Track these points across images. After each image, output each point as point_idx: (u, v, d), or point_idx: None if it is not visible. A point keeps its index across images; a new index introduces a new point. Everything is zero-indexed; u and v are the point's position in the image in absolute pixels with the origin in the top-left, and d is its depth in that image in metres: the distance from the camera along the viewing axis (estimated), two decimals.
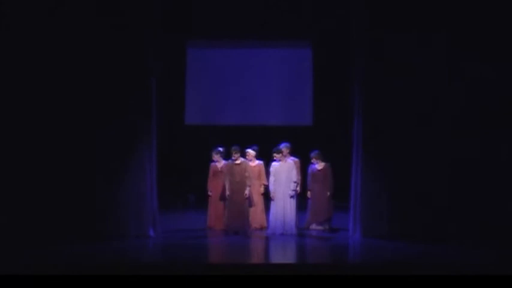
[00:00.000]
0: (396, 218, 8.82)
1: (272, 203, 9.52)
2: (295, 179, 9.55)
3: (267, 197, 9.78)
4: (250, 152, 9.88)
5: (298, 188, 9.64)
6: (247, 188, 9.44)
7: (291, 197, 9.47)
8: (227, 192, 9.46)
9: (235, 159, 9.51)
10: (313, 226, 9.92)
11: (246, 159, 9.72)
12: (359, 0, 9.31)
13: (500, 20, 8.87)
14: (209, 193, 10.01)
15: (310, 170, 9.98)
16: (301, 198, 9.92)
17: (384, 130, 8.99)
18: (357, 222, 9.07)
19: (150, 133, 9.20)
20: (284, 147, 9.66)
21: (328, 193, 9.83)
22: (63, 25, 8.79)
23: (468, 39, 8.88)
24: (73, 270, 6.79)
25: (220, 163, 9.98)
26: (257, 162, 9.94)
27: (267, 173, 9.72)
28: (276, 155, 9.56)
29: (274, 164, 9.60)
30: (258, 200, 9.90)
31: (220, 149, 10.08)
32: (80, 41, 8.82)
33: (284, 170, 9.53)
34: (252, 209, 9.67)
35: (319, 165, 9.93)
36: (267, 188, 9.75)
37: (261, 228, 9.86)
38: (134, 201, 8.91)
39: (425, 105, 8.92)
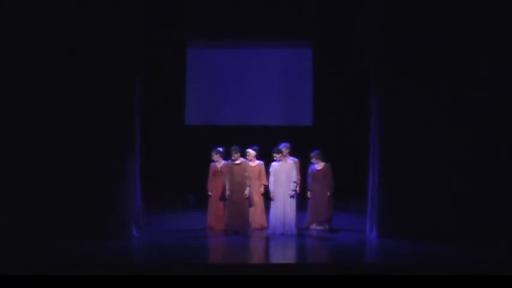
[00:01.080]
0: (414, 218, 8.86)
1: (272, 203, 9.52)
2: (294, 179, 9.55)
3: (267, 197, 9.78)
4: (250, 152, 9.88)
5: (297, 188, 9.63)
6: (247, 188, 9.44)
7: (291, 197, 9.47)
8: (227, 192, 9.46)
9: (235, 159, 9.50)
10: (313, 226, 9.92)
11: (246, 159, 9.71)
12: (373, 3, 9.32)
13: (503, 20, 8.90)
14: (209, 193, 10.01)
15: (310, 170, 9.98)
16: (301, 198, 9.91)
17: (401, 131, 9.02)
18: (373, 222, 9.12)
19: (133, 135, 9.12)
20: (284, 147, 9.65)
21: (328, 193, 9.83)
22: (52, 28, 8.82)
23: (476, 40, 8.92)
24: (73, 270, 6.80)
25: (220, 163, 9.98)
26: (257, 162, 9.94)
27: (267, 173, 9.71)
28: (275, 155, 9.56)
29: (274, 164, 9.59)
30: (258, 200, 9.90)
31: (220, 149, 10.08)
32: (65, 45, 8.84)
33: (284, 170, 9.52)
34: (252, 209, 9.66)
35: (319, 165, 9.93)
36: (267, 188, 9.74)
37: (261, 228, 9.86)
38: (118, 202, 8.85)
39: (441, 107, 8.96)
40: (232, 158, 9.51)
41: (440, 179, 8.91)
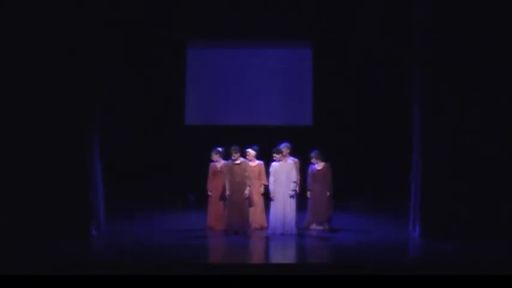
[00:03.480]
0: (456, 218, 8.90)
1: (272, 203, 9.51)
2: (294, 179, 9.54)
3: (267, 197, 9.78)
4: (251, 152, 9.87)
5: (297, 188, 9.62)
6: (247, 188, 9.44)
7: (291, 197, 9.46)
8: (227, 192, 9.45)
9: (235, 159, 9.50)
10: (313, 226, 9.92)
11: (246, 159, 9.71)
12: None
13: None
14: (209, 193, 10.00)
15: (310, 170, 9.97)
16: (301, 198, 9.91)
17: (444, 132, 9.07)
18: (416, 221, 9.22)
19: (93, 134, 9.17)
20: (284, 147, 9.65)
21: (328, 193, 9.82)
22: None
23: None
24: (72, 270, 6.80)
25: (219, 163, 9.98)
26: (257, 162, 9.93)
27: (267, 173, 9.71)
28: (275, 155, 9.55)
29: (274, 164, 9.59)
30: (258, 200, 9.89)
31: (220, 149, 10.07)
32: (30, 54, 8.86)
33: (284, 170, 9.52)
34: (252, 209, 9.66)
35: (318, 165, 9.92)
36: (267, 188, 9.74)
37: (261, 228, 9.85)
38: (76, 201, 8.81)
39: (482, 107, 9.00)
40: (232, 158, 9.51)
41: (481, 179, 8.95)
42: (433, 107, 9.11)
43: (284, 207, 9.43)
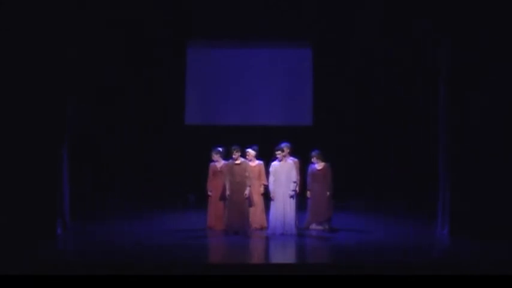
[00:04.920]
0: (484, 217, 8.92)
1: (272, 203, 9.51)
2: (294, 179, 9.55)
3: (267, 197, 9.78)
4: (251, 152, 9.87)
5: (297, 188, 9.62)
6: (247, 188, 9.44)
7: (291, 197, 9.46)
8: (227, 192, 9.45)
9: (236, 159, 9.50)
10: (313, 226, 9.92)
11: (246, 159, 9.71)
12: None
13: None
14: (209, 193, 10.00)
15: (310, 170, 9.97)
16: (301, 198, 9.91)
17: (470, 132, 9.11)
18: (445, 220, 9.30)
19: (62, 138, 9.23)
20: (285, 146, 9.65)
21: (328, 193, 9.82)
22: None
23: None
24: (73, 270, 6.80)
25: (219, 163, 9.98)
26: (257, 162, 9.93)
27: (267, 173, 9.71)
28: (278, 153, 9.53)
29: (274, 164, 9.59)
30: (258, 200, 9.89)
31: (220, 149, 10.07)
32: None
33: (284, 170, 9.52)
34: (252, 209, 9.66)
35: (319, 165, 9.92)
36: (267, 188, 9.74)
37: (261, 228, 9.85)
38: (42, 200, 8.81)
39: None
40: (233, 158, 9.50)
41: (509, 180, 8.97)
42: (458, 107, 9.18)
43: (284, 207, 9.43)
